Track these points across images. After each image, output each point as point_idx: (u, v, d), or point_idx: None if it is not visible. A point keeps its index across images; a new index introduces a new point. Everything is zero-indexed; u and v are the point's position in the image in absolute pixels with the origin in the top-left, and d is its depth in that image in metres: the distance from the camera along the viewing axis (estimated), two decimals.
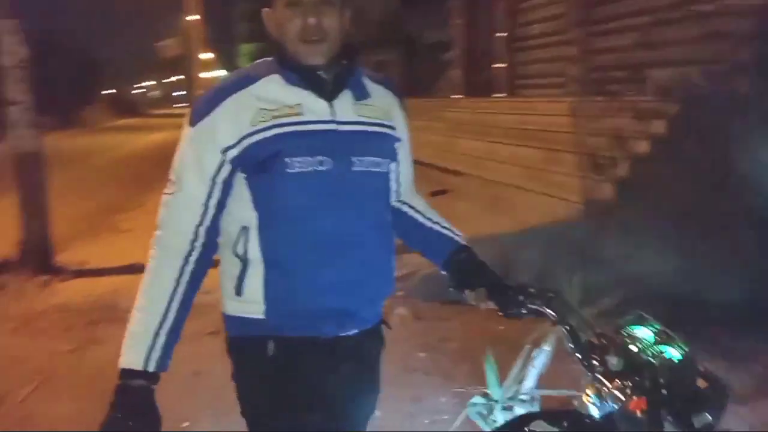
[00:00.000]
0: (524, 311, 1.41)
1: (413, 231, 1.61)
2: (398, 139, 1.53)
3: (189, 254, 1.35)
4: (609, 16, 8.47)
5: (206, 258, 1.37)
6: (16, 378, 3.60)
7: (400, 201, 1.61)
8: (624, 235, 4.77)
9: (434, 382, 3.56)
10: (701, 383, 1.31)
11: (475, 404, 1.59)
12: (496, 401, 1.58)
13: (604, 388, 1.26)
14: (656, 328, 1.33)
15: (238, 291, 1.39)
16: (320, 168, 1.36)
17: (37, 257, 5.50)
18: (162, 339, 1.30)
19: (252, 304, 1.39)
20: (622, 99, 6.59)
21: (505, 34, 12.50)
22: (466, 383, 3.14)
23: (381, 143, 1.48)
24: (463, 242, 1.59)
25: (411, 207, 1.63)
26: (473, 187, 8.43)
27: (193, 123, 1.38)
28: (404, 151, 1.58)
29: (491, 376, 2.19)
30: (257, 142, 1.34)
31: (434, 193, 8.08)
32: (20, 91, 5.71)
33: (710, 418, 1.28)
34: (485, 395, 1.62)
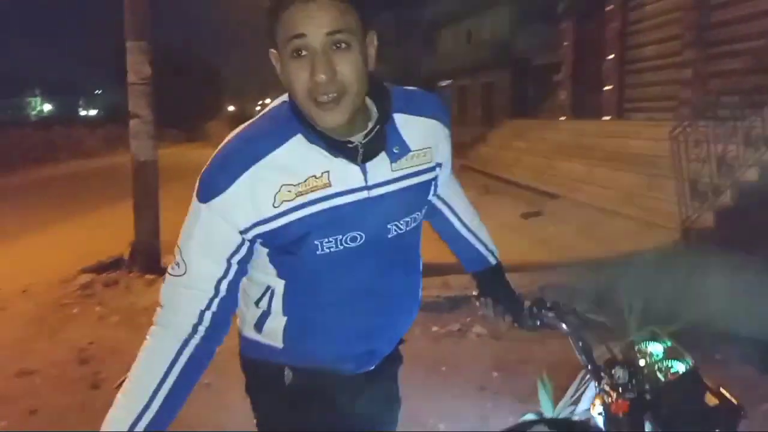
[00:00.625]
0: (538, 323, 1.45)
1: (450, 235, 1.60)
2: (438, 166, 1.36)
3: (190, 338, 1.19)
4: (723, 39, 8.06)
5: (211, 343, 1.22)
6: (114, 366, 3.93)
7: (440, 199, 1.54)
8: (720, 267, 4.51)
9: (504, 402, 3.52)
10: (711, 400, 1.29)
11: (524, 422, 1.59)
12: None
13: (610, 399, 1.27)
14: (667, 344, 1.34)
15: (258, 329, 1.34)
16: (351, 245, 1.23)
17: (146, 258, 5.92)
18: (147, 416, 1.16)
19: (272, 336, 1.33)
20: (733, 125, 6.24)
21: (615, 56, 12.17)
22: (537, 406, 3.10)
23: (419, 193, 1.32)
24: (492, 261, 1.61)
25: (450, 209, 1.57)
26: (568, 210, 8.23)
27: (203, 199, 1.17)
28: (445, 167, 1.42)
29: (544, 396, 2.20)
30: (282, 227, 1.18)
31: (526, 215, 7.97)
32: (142, 106, 6.23)
33: None
34: (539, 414, 1.63)
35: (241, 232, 1.18)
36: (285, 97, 1.23)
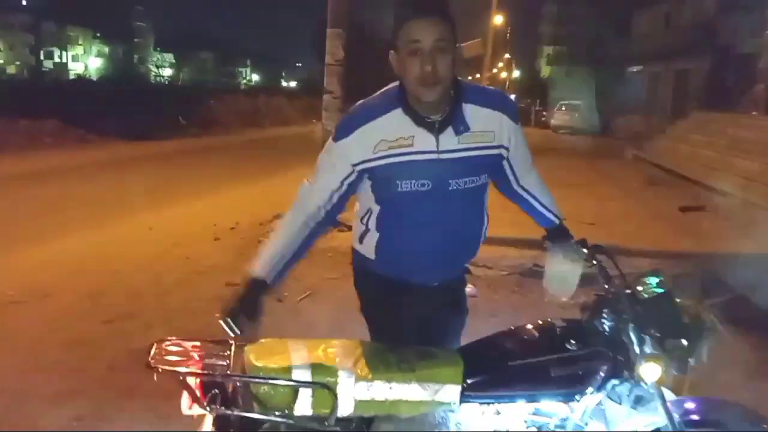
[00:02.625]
0: (576, 256, 2.01)
1: (533, 213, 2.11)
2: (503, 148, 1.85)
3: (311, 219, 1.80)
4: None
5: (323, 226, 1.83)
6: (295, 288, 5.02)
7: (521, 187, 2.04)
8: None
9: None
10: (685, 317, 1.83)
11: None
12: None
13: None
14: (660, 278, 1.88)
15: (360, 241, 1.96)
16: (421, 189, 1.77)
17: None
18: (280, 265, 1.78)
19: (368, 249, 1.94)
20: None
21: None
22: None
23: (479, 163, 1.82)
24: (556, 221, 2.15)
25: (530, 194, 2.07)
26: (733, 207, 8.02)
27: (335, 139, 1.78)
28: (514, 151, 1.89)
29: None
30: (376, 167, 1.75)
31: (684, 209, 7.89)
32: (334, 84, 7.27)
33: (684, 343, 1.81)
34: None
35: (353, 165, 1.77)
36: (395, 84, 1.80)
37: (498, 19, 28.37)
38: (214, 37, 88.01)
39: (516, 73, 54.90)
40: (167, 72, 79.02)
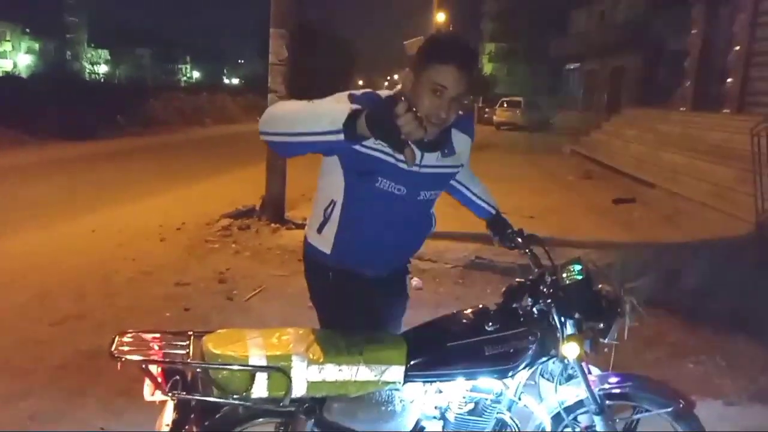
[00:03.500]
0: (513, 244, 2.27)
1: (467, 202, 2.34)
2: (461, 166, 2.08)
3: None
4: None
5: None
6: (245, 286, 5.10)
7: (457, 181, 2.26)
8: None
9: None
10: (603, 302, 2.05)
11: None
12: None
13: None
14: (581, 266, 2.08)
15: (319, 231, 2.02)
16: (396, 192, 1.89)
17: (274, 210, 7.07)
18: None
19: (325, 241, 2.02)
20: None
21: (741, 48, 11.85)
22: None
23: (443, 180, 2.05)
24: (492, 211, 2.37)
25: (463, 185, 2.30)
26: (661, 199, 8.52)
27: (351, 101, 1.73)
28: (465, 166, 2.14)
29: None
30: (366, 154, 1.80)
31: (617, 201, 8.33)
32: (278, 83, 7.31)
33: (600, 325, 2.03)
34: None
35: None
36: (393, 93, 1.89)
37: (440, 17, 28.76)
38: (152, 33, 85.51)
39: None
40: (102, 69, 76.39)
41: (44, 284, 4.92)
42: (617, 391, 2.12)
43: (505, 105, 30.73)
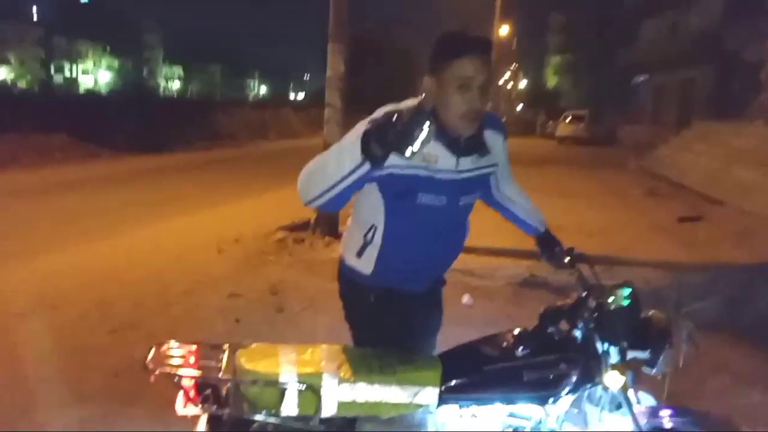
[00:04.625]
0: (560, 264, 2.20)
1: (513, 218, 2.29)
2: (496, 165, 2.04)
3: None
4: None
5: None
6: (296, 299, 5.15)
7: (502, 195, 2.23)
8: None
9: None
10: (647, 330, 1.94)
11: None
12: None
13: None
14: (630, 289, 1.98)
15: (359, 255, 1.99)
16: (437, 204, 1.88)
17: (327, 224, 7.16)
18: None
19: (365, 264, 1.99)
20: None
21: None
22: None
23: (482, 181, 2.02)
24: (542, 229, 2.30)
25: (511, 201, 2.25)
26: (730, 217, 8.10)
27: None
28: (501, 166, 2.09)
29: None
30: (402, 175, 1.80)
31: (682, 219, 7.97)
32: (335, 97, 7.43)
33: (646, 354, 1.92)
34: None
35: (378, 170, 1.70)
36: (416, 101, 1.83)
37: (504, 30, 28.50)
38: (223, 50, 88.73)
39: (522, 83, 54.96)
40: (176, 85, 79.75)
41: (105, 294, 5.12)
42: (667, 425, 2.00)
43: (569, 118, 30.08)
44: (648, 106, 29.43)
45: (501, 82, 42.18)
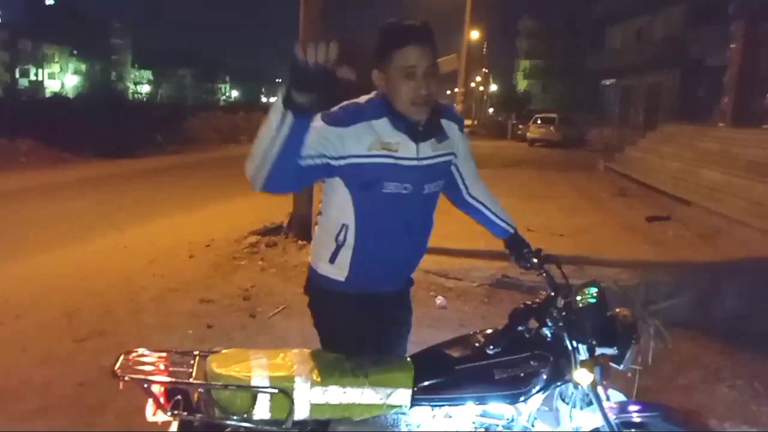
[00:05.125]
0: (529, 264, 2.18)
1: (483, 220, 2.26)
2: (455, 156, 2.06)
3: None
4: None
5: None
6: (269, 304, 5.10)
7: (471, 196, 2.21)
8: None
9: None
10: (618, 326, 1.96)
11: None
12: None
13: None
14: (597, 288, 2.01)
15: (332, 261, 1.97)
16: (403, 192, 1.89)
17: (300, 227, 7.08)
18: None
19: (338, 270, 1.97)
20: None
21: None
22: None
23: (444, 168, 2.02)
24: (511, 230, 2.28)
25: (479, 202, 2.23)
26: (697, 217, 8.28)
27: (326, 122, 1.80)
28: (462, 159, 2.11)
29: None
30: (366, 164, 1.83)
31: (650, 219, 8.12)
32: None
33: (613, 350, 1.95)
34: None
35: (338, 156, 1.80)
36: (373, 95, 1.92)
37: (474, 34, 28.72)
38: (194, 54, 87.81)
39: (493, 87, 55.47)
40: (145, 89, 78.70)
41: (72, 301, 5.02)
42: (636, 420, 2.03)
43: (539, 121, 30.45)
44: (616, 110, 30.00)
45: (473, 85, 42.44)
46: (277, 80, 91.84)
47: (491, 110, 52.25)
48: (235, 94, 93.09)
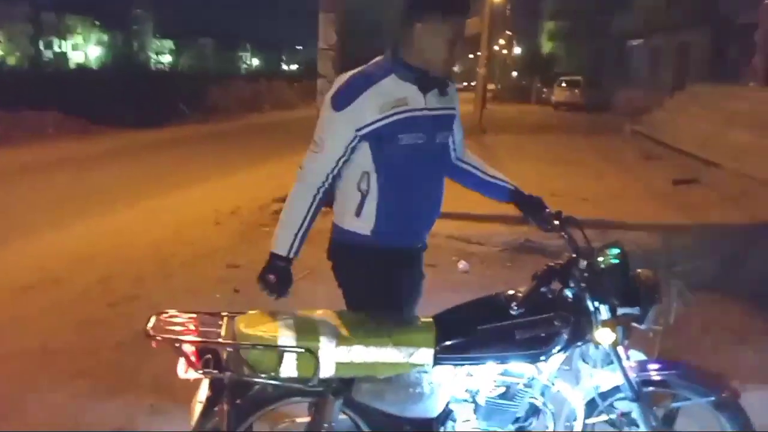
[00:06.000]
0: (549, 226, 2.18)
1: (478, 184, 2.28)
2: (455, 110, 2.15)
3: (320, 189, 1.98)
4: None
5: (328, 192, 2.01)
6: (294, 268, 5.18)
7: (460, 160, 2.27)
8: None
9: None
10: (641, 286, 1.98)
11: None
12: None
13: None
14: (619, 250, 2.02)
15: (358, 213, 2.03)
16: (419, 141, 1.98)
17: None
18: (299, 239, 2.01)
19: (365, 222, 2.03)
20: None
21: None
22: None
23: (449, 122, 2.12)
24: (512, 187, 2.28)
25: (471, 165, 2.29)
26: (725, 179, 8.14)
27: (337, 109, 1.93)
28: (457, 123, 2.19)
29: None
30: (382, 126, 1.93)
31: (677, 182, 8.00)
32: (328, 68, 7.35)
33: (635, 310, 1.96)
34: None
35: (357, 130, 1.93)
36: (382, 56, 2.05)
37: None
38: (214, 23, 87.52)
39: (517, 50, 54.36)
40: (167, 59, 78.81)
41: (106, 268, 5.16)
42: (656, 378, 2.06)
43: (564, 84, 29.88)
44: (643, 71, 29.25)
45: (496, 48, 41.66)
46: (297, 47, 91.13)
47: (515, 74, 51.32)
48: (256, 62, 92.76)
